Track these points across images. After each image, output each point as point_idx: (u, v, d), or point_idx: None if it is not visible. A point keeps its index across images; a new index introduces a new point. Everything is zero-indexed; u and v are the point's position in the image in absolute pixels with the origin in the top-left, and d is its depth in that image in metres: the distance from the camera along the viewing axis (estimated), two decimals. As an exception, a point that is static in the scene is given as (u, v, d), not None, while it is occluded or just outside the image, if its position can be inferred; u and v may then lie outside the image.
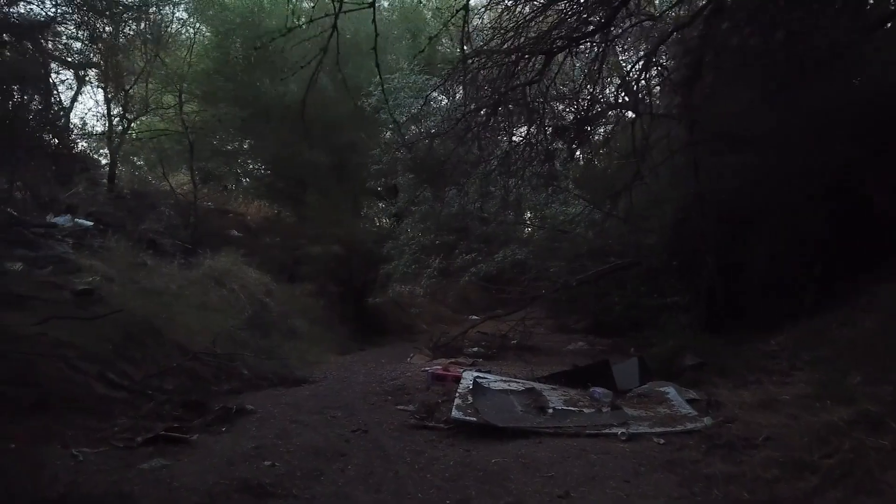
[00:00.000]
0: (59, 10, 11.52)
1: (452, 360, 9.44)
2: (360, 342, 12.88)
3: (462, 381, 6.63)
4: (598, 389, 6.37)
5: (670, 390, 6.46)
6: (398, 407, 6.46)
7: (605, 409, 5.92)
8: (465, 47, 5.14)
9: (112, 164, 14.07)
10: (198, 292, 9.80)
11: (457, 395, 6.08)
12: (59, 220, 10.30)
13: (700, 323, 8.56)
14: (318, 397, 7.06)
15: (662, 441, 5.08)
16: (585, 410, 5.93)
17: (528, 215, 12.18)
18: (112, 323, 7.13)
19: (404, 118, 9.73)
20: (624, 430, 5.24)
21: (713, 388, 6.50)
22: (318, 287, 13.14)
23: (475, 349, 10.61)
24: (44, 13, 11.26)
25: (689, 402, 6.16)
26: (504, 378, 7.05)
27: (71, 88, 13.09)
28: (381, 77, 4.77)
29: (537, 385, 6.72)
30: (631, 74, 8.35)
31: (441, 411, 6.02)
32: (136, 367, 6.85)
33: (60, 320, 6.52)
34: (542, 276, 10.32)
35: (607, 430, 5.31)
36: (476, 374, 7.06)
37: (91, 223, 10.53)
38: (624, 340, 11.03)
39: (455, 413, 5.55)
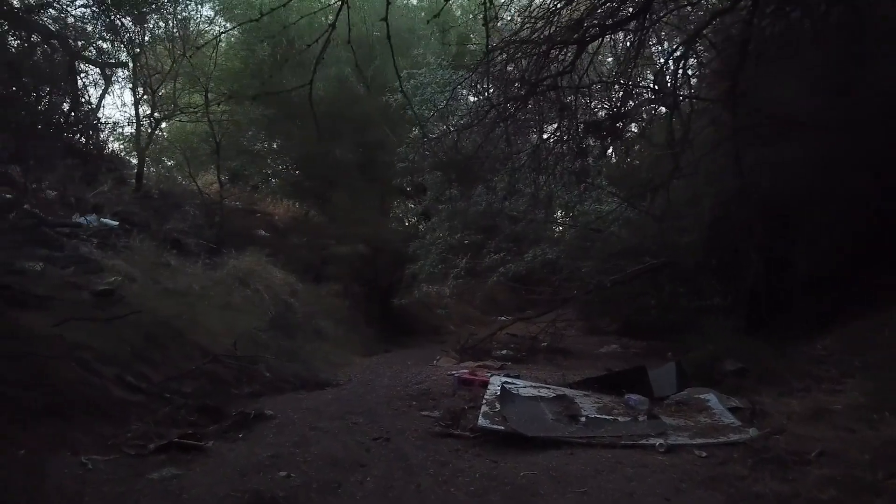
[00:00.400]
0: (87, 10, 11.66)
1: (480, 363, 9.17)
2: (386, 343, 12.69)
3: (489, 386, 6.35)
4: (634, 396, 6.03)
5: (711, 398, 6.08)
6: (422, 413, 6.21)
7: (641, 418, 5.58)
8: (488, 35, 4.85)
9: (140, 164, 14.11)
10: (221, 293, 9.70)
11: (484, 401, 5.80)
12: (85, 219, 10.29)
13: (741, 325, 8.12)
14: (340, 401, 6.86)
15: (704, 454, 4.73)
16: (620, 419, 5.60)
17: (559, 214, 11.82)
18: (132, 324, 7.03)
19: (431, 114, 9.46)
20: (662, 442, 4.90)
21: (757, 396, 6.09)
22: (343, 287, 12.98)
23: (504, 352, 10.32)
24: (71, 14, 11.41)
25: (732, 410, 5.78)
26: (534, 383, 6.74)
27: (98, 87, 13.10)
28: (396, 66, 4.49)
29: (569, 391, 6.39)
30: (667, 66, 7.97)
31: (467, 418, 5.74)
32: (156, 370, 6.72)
33: (79, 321, 6.44)
34: (574, 277, 9.97)
35: (644, 441, 4.98)
36: (504, 379, 6.77)
37: (116, 223, 10.51)
38: (658, 343, 10.63)
39: (482, 421, 5.27)
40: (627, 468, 4.46)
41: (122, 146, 14.44)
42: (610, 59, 8.31)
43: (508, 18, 8.57)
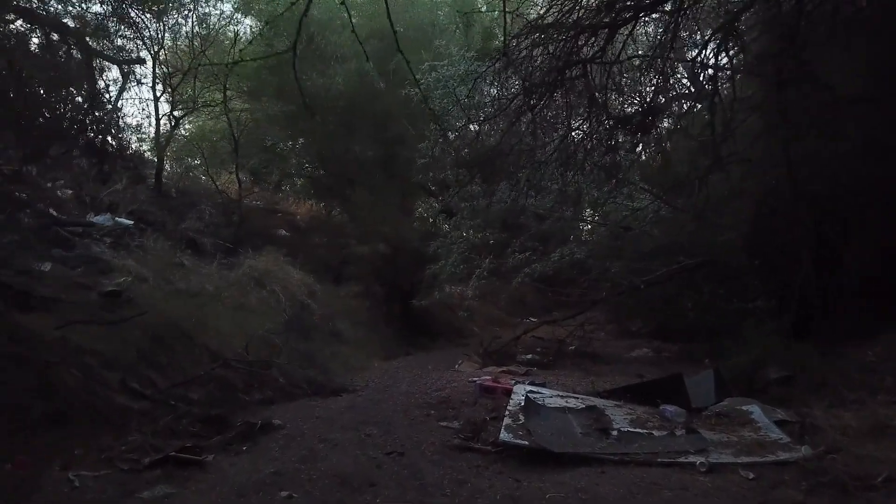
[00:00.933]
0: (105, 7, 11.52)
1: (504, 368, 8.76)
2: (407, 346, 12.35)
3: (513, 395, 5.93)
4: (670, 408, 5.57)
5: (754, 409, 5.60)
6: (441, 423, 5.83)
7: (678, 432, 5.11)
8: (505, 14, 4.47)
9: (159, 162, 13.95)
10: (236, 294, 9.44)
11: (507, 412, 5.39)
12: (99, 219, 10.11)
13: (785, 329, 7.56)
14: (354, 410, 6.51)
15: (752, 475, 4.27)
16: (656, 433, 5.14)
17: (588, 211, 11.30)
18: (139, 326, 6.80)
19: (452, 108, 9.02)
20: (703, 460, 4.45)
21: (805, 408, 5.59)
22: (364, 288, 12.66)
23: (529, 356, 9.88)
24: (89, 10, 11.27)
25: (778, 424, 5.30)
26: (561, 392, 6.29)
27: (117, 84, 12.96)
28: (404, 54, 4.11)
29: (599, 401, 5.94)
30: (705, 50, 7.44)
31: (489, 431, 5.34)
32: (162, 375, 6.47)
33: (85, 325, 6.21)
34: (604, 278, 9.48)
35: (683, 459, 4.53)
36: (529, 387, 6.33)
37: (131, 222, 10.31)
38: (693, 347, 10.12)
39: (504, 435, 4.86)
40: (665, 490, 4.02)
41: (141, 145, 14.25)
42: (640, 52, 7.74)
43: (534, 4, 8.12)
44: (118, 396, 5.69)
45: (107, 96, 11.86)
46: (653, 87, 7.75)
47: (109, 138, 12.17)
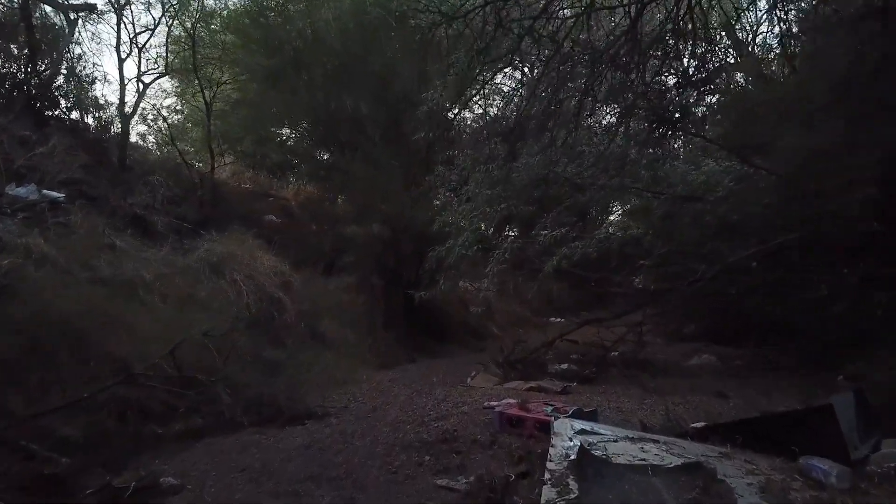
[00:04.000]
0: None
1: (532, 384, 6.63)
2: (410, 350, 10.24)
3: (554, 436, 3.72)
4: (821, 463, 3.36)
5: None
6: (438, 481, 3.73)
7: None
8: None
9: (124, 132, 12.00)
10: (183, 284, 7.40)
11: (547, 473, 3.21)
12: (20, 190, 8.14)
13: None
14: (310, 452, 4.46)
15: None
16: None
17: (640, 179, 8.86)
18: (15, 328, 4.81)
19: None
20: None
21: None
22: (358, 279, 10.56)
23: (563, 366, 7.73)
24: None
25: None
26: (630, 433, 3.99)
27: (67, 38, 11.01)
28: None
29: (695, 449, 3.71)
30: None
31: (516, 499, 3.22)
32: (27, 398, 4.43)
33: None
34: (668, 262, 7.14)
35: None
36: (577, 422, 4.04)
37: (62, 195, 8.31)
38: (774, 354, 7.96)
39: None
40: None
41: (101, 112, 12.26)
42: None
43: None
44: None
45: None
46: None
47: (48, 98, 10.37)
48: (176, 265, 7.89)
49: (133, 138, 12.64)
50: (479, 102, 10.48)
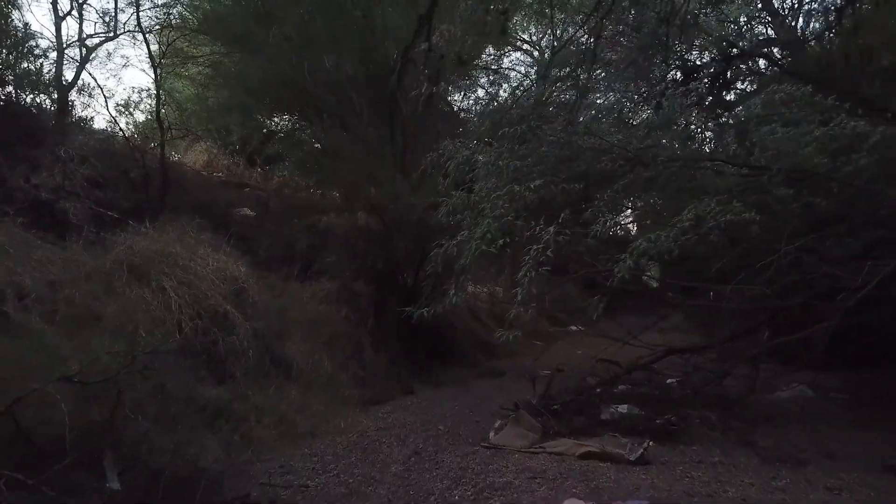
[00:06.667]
0: None
1: (589, 447, 4.47)
2: (407, 376, 8.06)
3: None
4: None
5: None
6: None
7: None
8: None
9: (61, 100, 9.90)
10: (81, 296, 5.29)
11: None
12: None
13: None
14: None
15: None
16: None
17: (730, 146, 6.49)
18: None
19: None
20: None
21: None
22: (340, 285, 8.40)
23: (622, 409, 5.55)
24: None
25: None
26: None
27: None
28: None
29: None
30: None
31: None
32: None
33: None
34: (797, 263, 4.82)
35: None
36: None
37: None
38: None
39: None
40: None
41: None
42: None
43: None
44: None
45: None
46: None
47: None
48: (80, 268, 5.78)
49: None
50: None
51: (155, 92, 10.17)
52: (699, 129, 6.68)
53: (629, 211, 5.00)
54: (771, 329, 5.56)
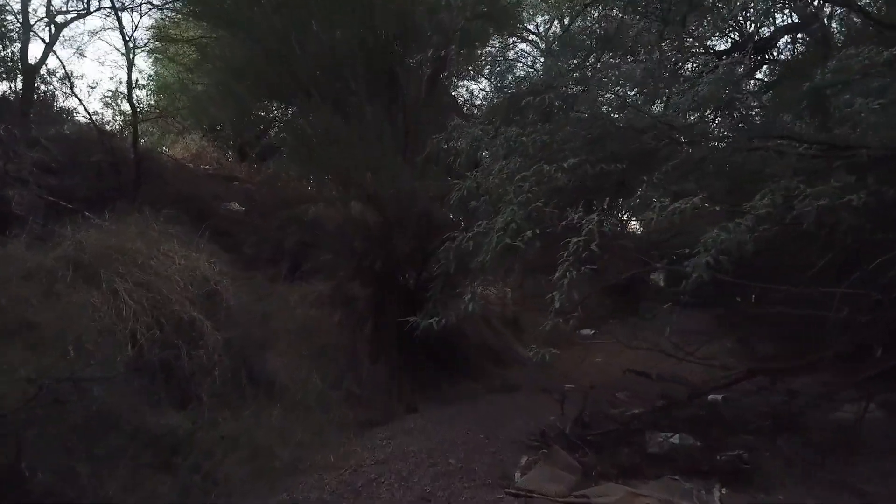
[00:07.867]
0: None
1: (643, 498, 3.50)
2: (410, 392, 7.07)
3: None
4: None
5: None
6: None
7: None
8: None
9: (27, 85, 9.01)
10: (10, 301, 4.35)
11: None
12: None
13: None
14: None
15: None
16: None
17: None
18: None
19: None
20: None
21: None
22: (333, 288, 7.44)
23: (673, 438, 4.58)
24: None
25: None
26: None
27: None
28: None
29: None
30: None
31: None
32: None
33: None
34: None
35: None
36: None
37: None
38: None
39: None
40: None
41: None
42: None
43: None
44: None
45: None
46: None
47: None
48: (18, 267, 4.83)
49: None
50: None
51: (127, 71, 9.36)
52: (754, 104, 5.71)
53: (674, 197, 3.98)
54: (883, 346, 4.55)
